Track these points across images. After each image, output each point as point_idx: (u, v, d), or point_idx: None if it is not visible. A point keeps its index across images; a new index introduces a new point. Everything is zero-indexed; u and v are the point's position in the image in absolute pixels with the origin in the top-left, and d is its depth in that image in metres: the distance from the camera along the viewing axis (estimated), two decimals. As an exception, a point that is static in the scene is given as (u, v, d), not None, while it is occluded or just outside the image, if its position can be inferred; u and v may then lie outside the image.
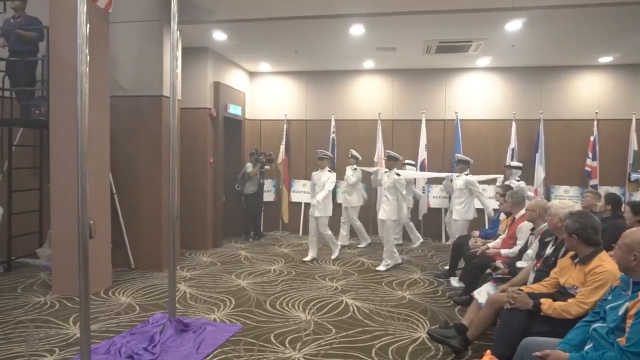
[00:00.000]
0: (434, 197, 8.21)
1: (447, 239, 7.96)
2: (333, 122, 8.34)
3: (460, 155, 6.66)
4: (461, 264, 5.27)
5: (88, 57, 2.87)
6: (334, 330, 3.86)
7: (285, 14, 5.44)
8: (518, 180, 6.79)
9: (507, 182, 6.69)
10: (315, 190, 6.42)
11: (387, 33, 6.15)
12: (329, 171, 6.40)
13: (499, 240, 4.71)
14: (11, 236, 5.57)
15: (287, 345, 3.54)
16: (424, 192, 8.08)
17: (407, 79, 8.30)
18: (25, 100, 5.31)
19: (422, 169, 7.85)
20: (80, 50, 2.83)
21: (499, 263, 3.83)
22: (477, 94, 8.12)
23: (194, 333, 3.69)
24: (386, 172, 6.20)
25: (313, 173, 6.58)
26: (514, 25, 5.64)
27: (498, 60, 7.54)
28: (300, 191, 8.60)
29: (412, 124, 8.24)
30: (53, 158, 4.72)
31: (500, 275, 3.67)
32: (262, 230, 8.27)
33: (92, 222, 2.84)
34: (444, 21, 5.53)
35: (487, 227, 6.39)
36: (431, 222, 8.17)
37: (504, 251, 4.37)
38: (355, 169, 7.35)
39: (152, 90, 5.68)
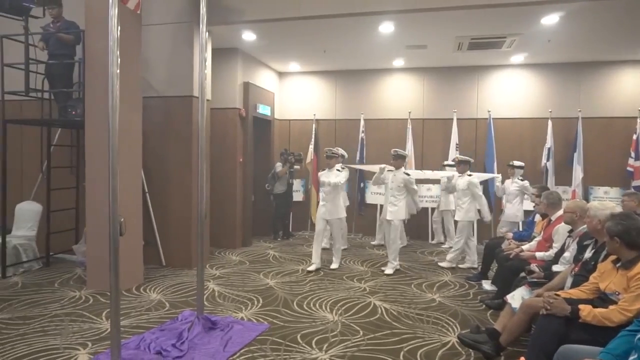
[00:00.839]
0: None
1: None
2: (362, 122, 8.26)
3: (461, 156, 6.54)
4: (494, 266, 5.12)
5: (119, 59, 2.93)
6: (361, 332, 3.80)
7: (315, 12, 5.42)
8: (522, 180, 6.62)
9: (508, 181, 6.66)
10: (325, 192, 5.92)
11: (418, 30, 6.04)
12: (340, 170, 6.02)
13: (533, 243, 4.54)
14: (49, 233, 5.77)
15: (314, 346, 3.51)
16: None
17: (438, 77, 8.14)
18: (62, 101, 5.50)
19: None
20: (111, 51, 2.89)
21: (534, 266, 3.68)
22: (511, 91, 7.87)
23: (221, 331, 3.71)
24: (390, 170, 5.94)
25: (320, 173, 6.19)
26: (551, 19, 5.43)
27: (533, 56, 7.29)
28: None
29: (443, 123, 8.08)
30: (88, 157, 4.86)
31: (535, 279, 3.53)
32: (290, 230, 8.28)
33: (122, 220, 2.90)
34: (476, 17, 5.38)
35: (515, 230, 6.20)
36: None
37: (539, 254, 4.20)
38: (342, 168, 6.57)
39: (182, 91, 5.77)
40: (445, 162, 7.44)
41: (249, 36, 6.35)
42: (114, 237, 2.92)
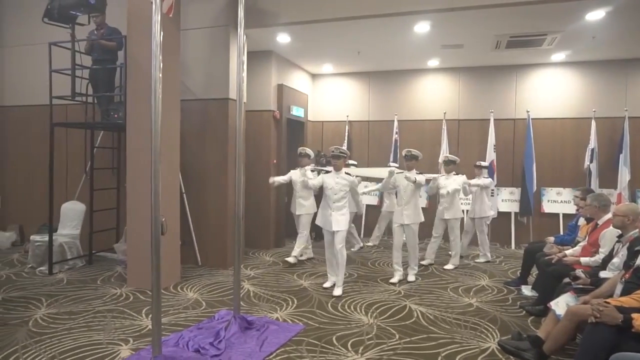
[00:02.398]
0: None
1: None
2: (396, 123, 8.18)
3: (450, 156, 6.44)
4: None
5: (161, 64, 3.01)
6: (397, 336, 3.75)
7: (350, 14, 5.40)
8: (487, 178, 6.60)
9: (476, 180, 6.44)
10: (331, 198, 4.91)
11: (454, 29, 5.93)
12: (346, 175, 5.01)
13: (577, 248, 4.36)
14: (92, 231, 5.99)
15: (350, 349, 3.48)
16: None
17: (474, 76, 7.96)
18: (105, 105, 5.70)
19: (491, 170, 7.47)
20: (154, 56, 2.97)
21: (579, 272, 3.53)
22: (552, 90, 7.60)
23: (257, 331, 3.74)
24: (401, 172, 5.42)
25: (322, 175, 5.13)
26: (596, 15, 5.21)
27: (576, 54, 7.02)
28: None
29: (479, 124, 7.89)
30: (129, 159, 5.02)
31: (580, 286, 3.38)
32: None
33: (163, 220, 2.97)
34: (516, 14, 5.23)
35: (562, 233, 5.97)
36: (500, 226, 7.76)
37: (584, 259, 4.03)
38: (314, 170, 6.19)
39: (219, 94, 5.87)
40: (390, 163, 7.18)
41: (283, 38, 6.40)
42: (155, 237, 2.99)
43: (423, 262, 6.22)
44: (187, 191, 5.95)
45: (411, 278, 5.49)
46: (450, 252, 6.36)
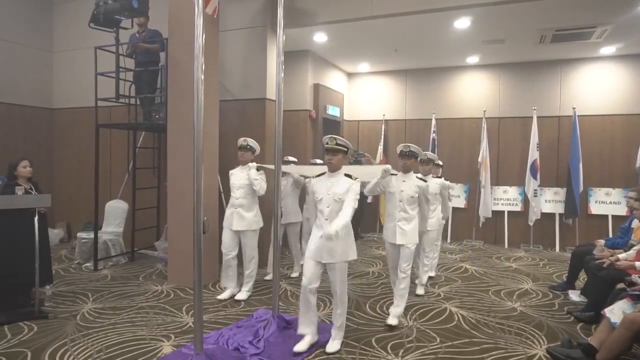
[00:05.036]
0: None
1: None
2: (434, 121, 8.01)
3: (430, 154, 5.15)
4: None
5: (203, 65, 3.04)
6: (438, 339, 3.66)
7: (387, 11, 5.33)
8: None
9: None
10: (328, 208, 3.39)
11: (496, 24, 5.75)
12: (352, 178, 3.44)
13: (632, 252, 4.12)
14: (134, 229, 6.16)
15: (389, 351, 3.42)
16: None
17: (516, 72, 7.70)
18: (147, 106, 5.85)
19: (534, 170, 7.20)
20: (196, 58, 3.01)
21: (636, 278, 3.33)
22: (600, 86, 7.25)
23: (295, 331, 3.73)
24: (394, 174, 4.08)
25: (312, 179, 3.63)
26: (651, 6, 4.93)
27: (628, 47, 6.66)
28: None
29: (521, 122, 7.62)
30: (169, 159, 5.12)
31: (638, 292, 3.19)
32: (359, 231, 8.22)
33: (205, 219, 3.00)
34: (562, 6, 5.02)
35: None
36: (544, 228, 7.47)
37: (639, 264, 3.81)
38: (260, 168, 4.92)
39: (256, 94, 5.92)
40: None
41: (320, 38, 6.39)
42: (197, 236, 3.02)
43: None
44: (224, 191, 6.02)
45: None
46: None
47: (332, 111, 7.80)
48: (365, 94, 8.74)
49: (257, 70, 5.90)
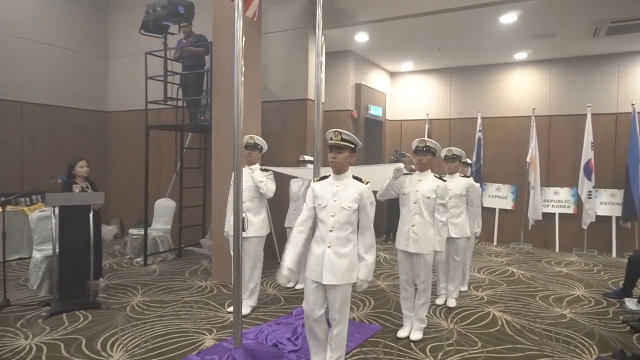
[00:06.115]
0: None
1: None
2: (479, 120, 7.79)
3: (455, 149, 4.61)
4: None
5: (243, 68, 3.13)
6: (479, 343, 3.56)
7: (430, 8, 5.24)
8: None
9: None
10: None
11: (545, 18, 5.51)
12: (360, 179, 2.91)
13: (695, 258, 3.83)
14: (181, 227, 6.41)
15: (428, 353, 3.37)
16: None
17: (568, 68, 7.34)
18: (193, 108, 6.07)
19: (588, 170, 6.83)
20: (236, 61, 3.09)
21: (697, 286, 3.10)
22: (663, 81, 6.78)
23: (333, 329, 3.74)
24: (407, 174, 3.70)
25: (313, 183, 2.95)
26: None
27: (693, 39, 6.19)
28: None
29: (574, 120, 7.25)
30: (214, 159, 5.29)
31: (699, 301, 2.96)
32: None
33: (244, 216, 3.08)
34: (619, -3, 4.74)
35: None
36: (599, 232, 7.07)
37: (703, 271, 3.53)
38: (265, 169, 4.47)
39: (298, 94, 5.99)
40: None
41: (361, 37, 6.37)
42: (236, 234, 3.10)
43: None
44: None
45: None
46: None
47: (375, 111, 7.76)
48: (409, 93, 8.63)
49: (299, 71, 5.98)
